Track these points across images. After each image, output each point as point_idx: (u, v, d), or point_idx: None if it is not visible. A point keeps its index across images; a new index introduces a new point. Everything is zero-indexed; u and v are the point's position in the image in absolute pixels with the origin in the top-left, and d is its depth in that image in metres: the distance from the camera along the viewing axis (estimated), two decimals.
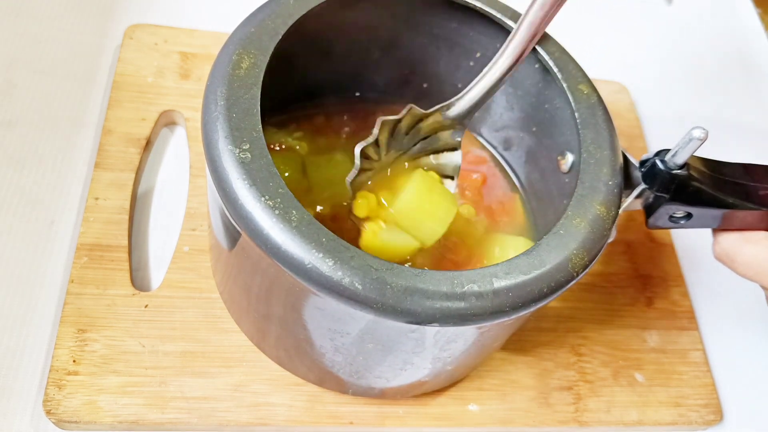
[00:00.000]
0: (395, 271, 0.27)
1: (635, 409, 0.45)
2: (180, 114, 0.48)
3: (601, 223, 0.31)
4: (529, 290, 0.28)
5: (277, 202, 0.27)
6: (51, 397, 0.37)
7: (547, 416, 0.43)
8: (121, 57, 0.49)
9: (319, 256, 0.26)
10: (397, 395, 0.41)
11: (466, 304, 0.27)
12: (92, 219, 0.42)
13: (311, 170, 0.39)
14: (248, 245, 0.29)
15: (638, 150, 0.57)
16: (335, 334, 0.31)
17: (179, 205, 0.45)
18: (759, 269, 0.35)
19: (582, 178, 0.32)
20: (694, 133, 0.31)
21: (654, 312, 0.49)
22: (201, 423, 0.38)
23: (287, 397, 0.40)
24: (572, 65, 0.37)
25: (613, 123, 0.35)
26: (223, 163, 0.28)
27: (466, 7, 0.37)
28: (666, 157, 0.33)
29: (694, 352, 0.48)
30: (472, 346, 0.34)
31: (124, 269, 0.41)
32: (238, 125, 0.29)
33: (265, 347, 0.39)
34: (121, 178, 0.44)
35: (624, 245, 0.52)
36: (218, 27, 0.53)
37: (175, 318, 0.41)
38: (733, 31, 0.71)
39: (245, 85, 0.30)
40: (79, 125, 0.47)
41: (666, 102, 0.62)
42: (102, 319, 0.39)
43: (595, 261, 0.31)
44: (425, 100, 0.46)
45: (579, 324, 0.47)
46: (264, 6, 0.33)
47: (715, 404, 0.46)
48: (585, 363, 0.46)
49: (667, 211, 0.35)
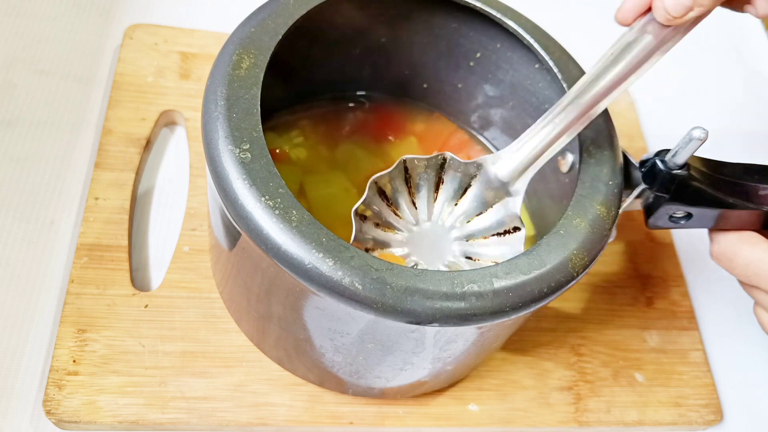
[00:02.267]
0: (395, 271, 0.27)
1: (635, 409, 0.45)
2: (180, 114, 0.48)
3: (601, 223, 0.31)
4: (529, 290, 0.28)
5: (277, 202, 0.27)
6: (51, 397, 0.37)
7: (547, 416, 0.43)
8: (121, 57, 0.49)
9: (319, 256, 0.26)
10: (397, 395, 0.40)
11: (466, 304, 0.27)
12: (92, 219, 0.42)
13: (309, 189, 0.39)
14: (248, 245, 0.29)
15: (638, 150, 0.57)
16: (335, 334, 0.31)
17: (179, 205, 0.45)
18: (757, 270, 0.35)
19: (582, 178, 0.32)
20: (694, 133, 0.31)
21: (654, 312, 0.49)
22: (201, 423, 0.38)
23: (287, 397, 0.40)
24: (572, 65, 0.37)
25: (613, 123, 0.35)
26: (223, 163, 0.28)
27: (466, 7, 0.37)
28: (666, 157, 0.33)
29: (694, 352, 0.48)
30: (472, 346, 0.34)
31: (124, 269, 0.41)
32: (238, 125, 0.29)
33: (265, 347, 0.39)
34: (121, 178, 0.44)
35: (624, 245, 0.52)
36: (218, 27, 0.53)
37: (175, 318, 0.41)
38: (733, 31, 0.71)
39: (245, 85, 0.30)
40: (79, 125, 0.47)
41: (666, 102, 0.62)
42: (102, 319, 0.39)
43: (595, 261, 0.31)
44: (425, 100, 0.46)
45: (579, 324, 0.47)
46: (264, 6, 0.33)
47: (715, 404, 0.46)
48: (585, 363, 0.46)
49: (667, 211, 0.35)
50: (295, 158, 0.41)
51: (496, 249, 0.33)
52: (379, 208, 0.32)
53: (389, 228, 0.32)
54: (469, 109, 0.45)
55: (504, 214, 0.33)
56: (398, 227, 0.33)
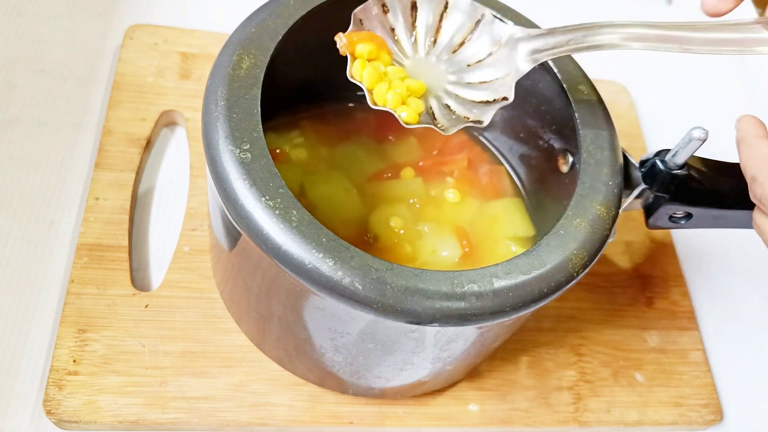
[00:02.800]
0: (395, 271, 0.27)
1: (635, 409, 0.45)
2: (180, 114, 0.48)
3: (601, 223, 0.31)
4: (529, 290, 0.28)
5: (277, 202, 0.27)
6: (51, 397, 0.37)
7: (547, 416, 0.43)
8: (122, 57, 0.49)
9: (319, 256, 0.26)
10: (397, 395, 0.41)
11: (466, 304, 0.27)
12: (92, 219, 0.42)
13: (309, 189, 0.39)
14: (248, 245, 0.29)
15: (638, 150, 0.57)
16: (335, 334, 0.31)
17: (179, 205, 0.45)
18: None
19: (582, 178, 0.33)
20: (694, 133, 0.31)
21: (654, 312, 0.49)
22: (201, 423, 0.38)
23: (287, 397, 0.40)
24: (572, 65, 0.37)
25: (613, 123, 0.35)
26: (224, 163, 0.28)
27: None
28: (666, 157, 0.33)
29: (694, 352, 0.48)
30: (472, 346, 0.34)
31: (124, 269, 0.41)
32: (239, 125, 0.29)
33: (265, 347, 0.39)
34: (121, 178, 0.44)
35: (624, 245, 0.52)
36: (218, 27, 0.53)
37: (175, 318, 0.41)
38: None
39: (245, 85, 0.30)
40: (80, 125, 0.47)
41: (666, 102, 0.62)
42: (102, 319, 0.39)
43: (595, 261, 0.31)
44: None
45: (579, 324, 0.47)
46: (264, 6, 0.33)
47: (715, 404, 0.46)
48: (585, 363, 0.46)
49: (667, 211, 0.35)
50: (295, 158, 0.41)
51: (487, 71, 0.32)
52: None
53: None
54: None
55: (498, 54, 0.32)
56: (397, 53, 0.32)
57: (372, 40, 0.31)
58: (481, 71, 0.32)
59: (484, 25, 0.32)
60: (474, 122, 0.30)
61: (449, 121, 0.30)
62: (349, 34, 0.31)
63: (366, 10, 0.32)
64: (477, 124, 0.30)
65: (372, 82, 0.31)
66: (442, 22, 0.33)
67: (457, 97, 0.32)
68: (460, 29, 0.33)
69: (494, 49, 0.32)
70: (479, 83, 0.32)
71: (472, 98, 0.31)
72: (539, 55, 0.31)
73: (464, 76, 0.32)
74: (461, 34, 0.33)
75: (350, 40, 0.31)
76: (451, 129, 0.30)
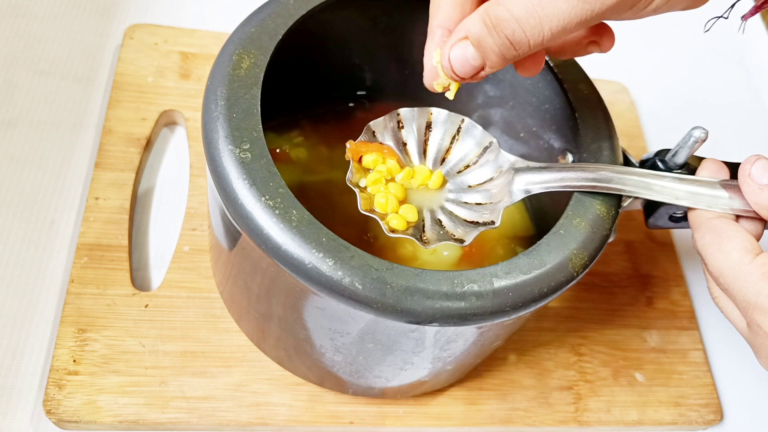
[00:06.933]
0: (395, 271, 0.27)
1: (635, 409, 0.45)
2: (180, 114, 0.48)
3: (601, 223, 0.31)
4: (529, 290, 0.28)
5: (277, 202, 0.27)
6: (51, 396, 0.37)
7: (547, 416, 0.43)
8: (122, 57, 0.49)
9: (319, 256, 0.26)
10: (397, 395, 0.41)
11: (466, 304, 0.27)
12: (92, 219, 0.42)
13: (309, 189, 0.38)
14: (248, 245, 0.29)
15: (638, 150, 0.57)
16: (335, 333, 0.31)
17: (179, 205, 0.45)
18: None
19: None
20: (694, 133, 0.31)
21: (654, 312, 0.49)
22: (201, 423, 0.38)
23: (287, 396, 0.40)
24: (572, 65, 0.37)
25: (613, 123, 0.35)
26: (224, 162, 0.28)
27: None
28: (666, 157, 0.33)
29: (694, 352, 0.48)
30: (472, 345, 0.34)
31: (124, 269, 0.41)
32: (239, 125, 0.29)
33: (265, 347, 0.39)
34: (121, 177, 0.44)
35: (624, 245, 0.52)
36: (218, 27, 0.53)
37: (175, 318, 0.41)
38: (734, 31, 0.71)
39: (245, 85, 0.30)
40: (80, 125, 0.47)
41: (666, 102, 0.62)
42: (102, 319, 0.39)
43: (595, 261, 0.31)
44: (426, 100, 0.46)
45: (579, 324, 0.47)
46: (264, 6, 0.33)
47: (715, 404, 0.46)
48: (585, 363, 0.46)
49: (667, 211, 0.35)
50: (295, 158, 0.41)
51: (484, 195, 0.33)
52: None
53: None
54: (469, 109, 0.44)
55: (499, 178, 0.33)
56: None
57: (379, 151, 0.32)
58: (478, 194, 0.33)
59: (490, 152, 0.33)
60: (455, 240, 0.30)
61: (437, 235, 0.31)
62: (357, 144, 0.32)
63: (381, 124, 0.33)
64: (458, 242, 0.30)
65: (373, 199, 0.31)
66: (452, 144, 0.34)
67: (450, 213, 0.32)
68: (469, 153, 0.34)
69: (495, 174, 0.33)
70: (474, 204, 0.33)
71: (464, 217, 0.32)
72: (532, 187, 0.32)
73: (462, 196, 0.33)
74: (469, 158, 0.34)
75: (356, 149, 0.32)
76: (433, 244, 0.30)
